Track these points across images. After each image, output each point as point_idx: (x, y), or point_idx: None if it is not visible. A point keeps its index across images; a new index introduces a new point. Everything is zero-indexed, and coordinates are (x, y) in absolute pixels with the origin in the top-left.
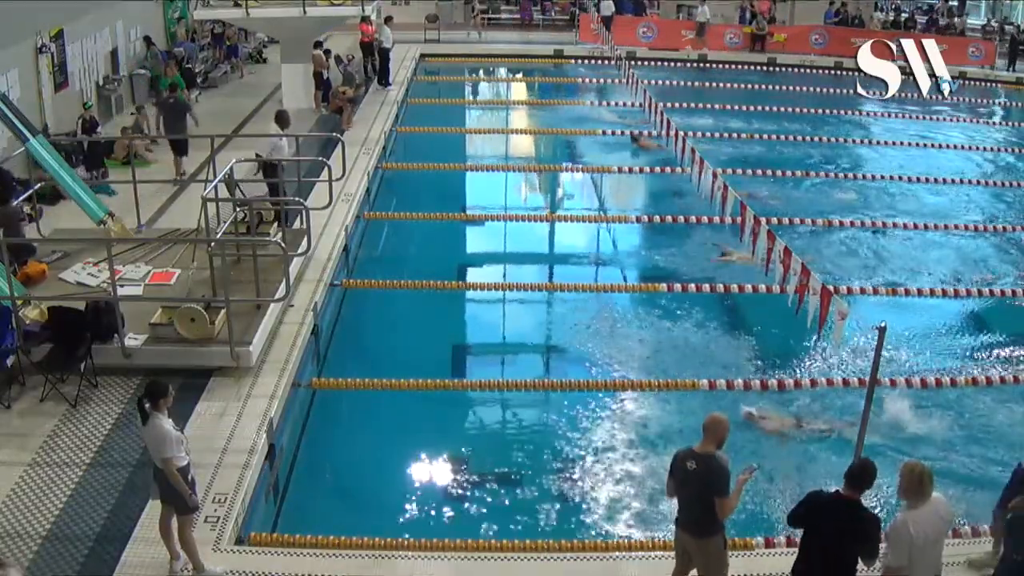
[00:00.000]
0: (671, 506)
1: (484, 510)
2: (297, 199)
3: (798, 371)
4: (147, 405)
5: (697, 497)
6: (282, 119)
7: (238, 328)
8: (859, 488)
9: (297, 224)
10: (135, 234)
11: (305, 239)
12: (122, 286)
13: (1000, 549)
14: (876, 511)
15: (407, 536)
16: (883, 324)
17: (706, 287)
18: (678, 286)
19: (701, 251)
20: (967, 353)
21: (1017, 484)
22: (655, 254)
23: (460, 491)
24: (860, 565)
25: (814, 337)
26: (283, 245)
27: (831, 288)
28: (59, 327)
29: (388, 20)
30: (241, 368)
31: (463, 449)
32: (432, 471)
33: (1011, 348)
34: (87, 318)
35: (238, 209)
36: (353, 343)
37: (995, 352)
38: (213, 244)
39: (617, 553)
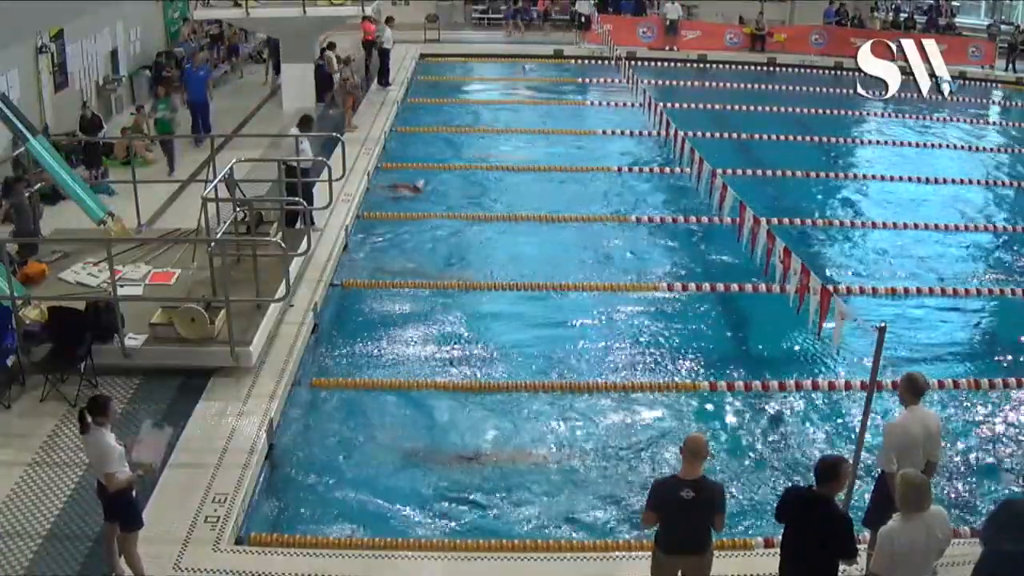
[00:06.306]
0: None
1: (484, 510)
2: (297, 199)
3: (798, 371)
4: (89, 419)
5: (699, 520)
6: (307, 123)
7: (238, 328)
8: (827, 486)
9: (299, 224)
10: (135, 234)
11: (305, 239)
12: (122, 286)
13: None
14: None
15: (407, 536)
16: (883, 324)
17: (706, 286)
18: (678, 286)
19: (700, 252)
20: (967, 354)
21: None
22: (655, 254)
23: (460, 491)
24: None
25: (814, 338)
26: (283, 245)
27: (831, 288)
28: (59, 327)
29: (389, 21)
30: (241, 368)
31: (463, 449)
32: (432, 471)
33: (1011, 349)
34: (87, 318)
35: (238, 209)
36: (353, 343)
37: (995, 354)
38: (213, 244)
39: (617, 553)
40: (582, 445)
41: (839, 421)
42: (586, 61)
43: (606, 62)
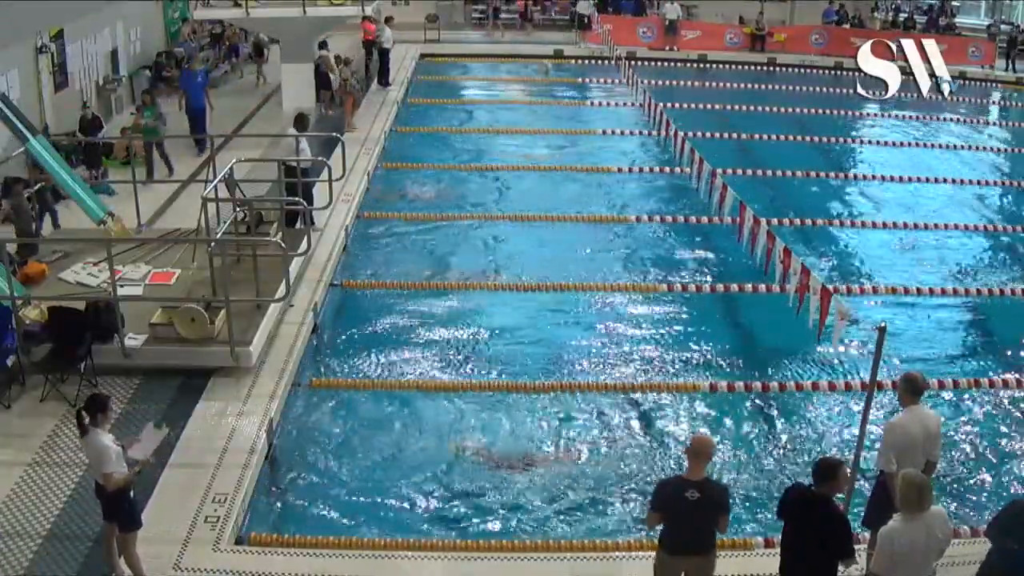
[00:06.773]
0: None
1: (484, 510)
2: (297, 199)
3: (798, 371)
4: (86, 420)
5: (704, 521)
6: (302, 121)
7: (238, 328)
8: (826, 486)
9: (299, 224)
10: (135, 234)
11: (305, 239)
12: (122, 286)
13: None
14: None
15: (407, 536)
16: (883, 324)
17: (706, 287)
18: (678, 286)
19: (700, 252)
20: (967, 354)
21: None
22: (655, 254)
23: (460, 491)
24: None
25: (814, 338)
26: (283, 245)
27: (831, 288)
28: (59, 327)
29: (388, 20)
30: (241, 368)
31: (463, 449)
32: (432, 471)
33: (1012, 349)
34: (87, 318)
35: (238, 209)
36: (353, 343)
37: (995, 353)
38: (213, 244)
39: (617, 553)
40: (583, 445)
41: (839, 421)
42: (586, 61)
43: (606, 62)
